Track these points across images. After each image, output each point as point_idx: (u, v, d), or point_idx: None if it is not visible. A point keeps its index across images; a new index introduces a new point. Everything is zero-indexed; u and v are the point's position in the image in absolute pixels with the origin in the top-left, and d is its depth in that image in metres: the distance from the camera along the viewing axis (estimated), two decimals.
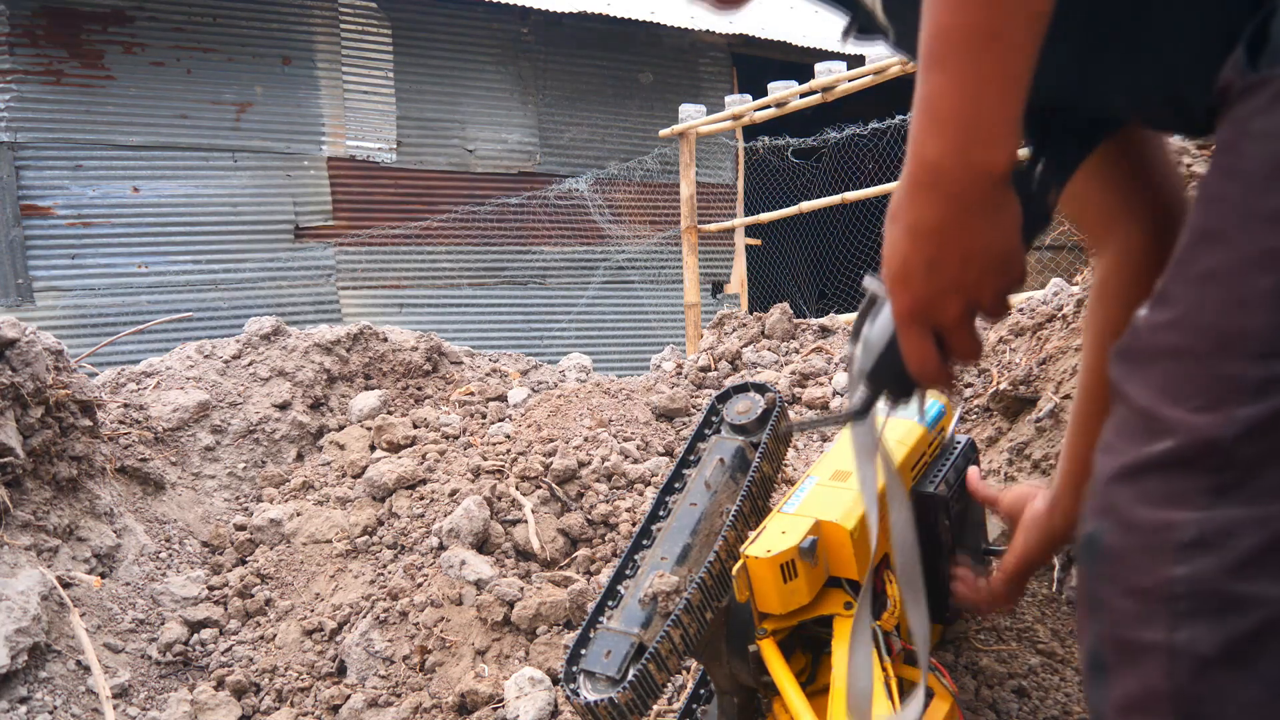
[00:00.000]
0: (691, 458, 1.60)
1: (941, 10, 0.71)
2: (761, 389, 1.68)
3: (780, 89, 6.28)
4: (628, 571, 1.43)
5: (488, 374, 4.48)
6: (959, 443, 1.62)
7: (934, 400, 1.53)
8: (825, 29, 10.04)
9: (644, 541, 1.48)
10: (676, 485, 1.57)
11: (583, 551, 2.51)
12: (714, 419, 1.70)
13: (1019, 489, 1.35)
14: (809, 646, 1.38)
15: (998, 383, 3.40)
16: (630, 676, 1.22)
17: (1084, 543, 0.69)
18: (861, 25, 1.05)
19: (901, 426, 1.45)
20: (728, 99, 7.01)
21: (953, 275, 0.78)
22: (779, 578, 1.24)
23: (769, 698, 1.39)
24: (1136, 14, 0.81)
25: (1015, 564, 1.27)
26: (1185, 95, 0.83)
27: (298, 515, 3.04)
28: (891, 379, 0.91)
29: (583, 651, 1.31)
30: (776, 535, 1.28)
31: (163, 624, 2.61)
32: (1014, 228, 0.78)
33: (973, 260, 0.77)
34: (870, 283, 0.90)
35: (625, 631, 1.31)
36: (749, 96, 6.79)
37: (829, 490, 1.36)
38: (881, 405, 0.95)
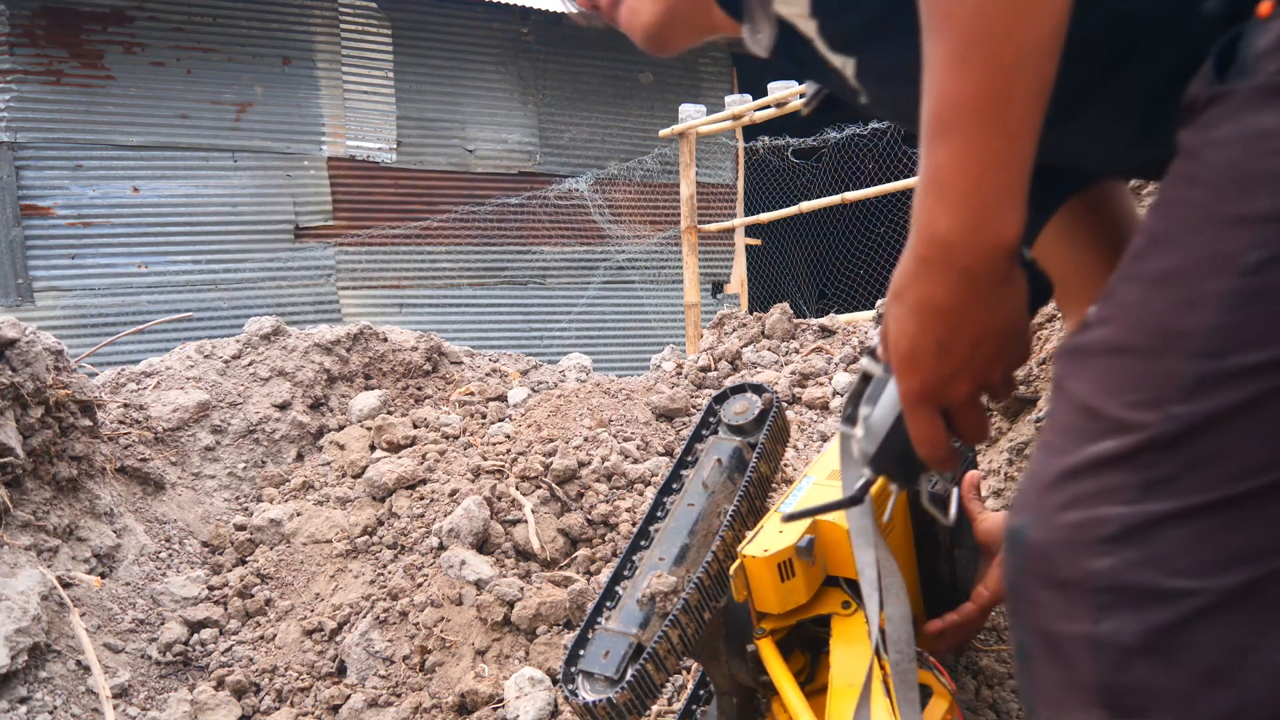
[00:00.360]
0: (689, 459, 1.61)
1: (948, 78, 0.70)
2: (759, 389, 1.68)
3: (780, 89, 6.28)
4: (626, 572, 1.44)
5: (488, 374, 4.48)
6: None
7: None
8: None
9: (642, 542, 1.48)
10: (674, 486, 1.57)
11: (583, 551, 2.51)
12: (711, 420, 1.70)
13: (995, 517, 1.33)
14: (807, 646, 1.38)
15: None
16: (628, 677, 1.22)
17: (1009, 536, 0.69)
18: (830, 94, 1.04)
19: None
20: (728, 99, 7.01)
21: (964, 356, 0.77)
22: (776, 577, 1.24)
23: (768, 698, 1.39)
24: (1104, 77, 0.81)
25: (988, 597, 1.27)
26: (1147, 150, 0.84)
27: (298, 515, 3.04)
28: (898, 462, 0.89)
29: (581, 652, 1.31)
30: (774, 535, 1.28)
31: (163, 624, 2.61)
32: (1023, 302, 0.77)
33: (985, 339, 0.76)
34: (867, 363, 0.89)
35: (623, 632, 1.31)
36: (749, 96, 6.79)
37: (826, 490, 1.36)
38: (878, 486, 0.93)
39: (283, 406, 3.67)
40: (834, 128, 7.79)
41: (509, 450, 3.41)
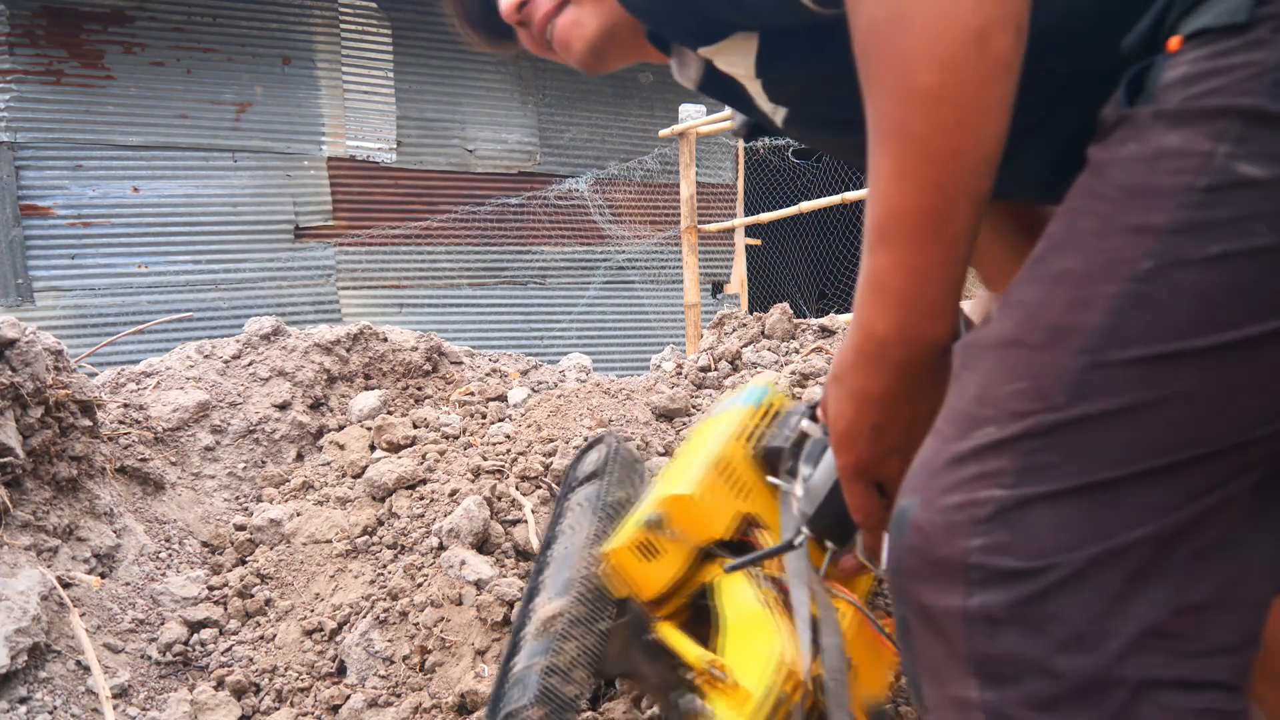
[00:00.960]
0: (558, 519, 1.68)
1: (893, 191, 0.74)
2: (598, 441, 1.77)
3: None
4: (524, 624, 1.48)
5: (488, 374, 4.48)
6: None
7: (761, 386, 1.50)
8: None
9: (532, 598, 1.52)
10: (549, 544, 1.65)
11: None
12: (571, 482, 1.77)
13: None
14: (705, 619, 1.39)
15: None
16: (534, 690, 1.25)
17: (896, 517, 0.72)
18: (755, 125, 1.08)
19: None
20: None
21: (897, 438, 0.82)
22: (641, 559, 1.27)
23: (693, 679, 1.38)
24: (1030, 128, 0.84)
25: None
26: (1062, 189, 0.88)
27: (298, 515, 3.04)
28: (834, 524, 0.95)
29: (500, 705, 1.33)
30: (626, 525, 1.32)
31: (163, 624, 2.61)
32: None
33: (917, 422, 0.80)
34: (809, 426, 0.93)
35: (529, 665, 1.34)
36: None
37: (669, 469, 1.39)
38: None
39: (283, 406, 3.67)
40: None
41: (509, 450, 3.41)
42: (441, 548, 2.58)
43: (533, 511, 2.67)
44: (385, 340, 4.28)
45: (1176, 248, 0.62)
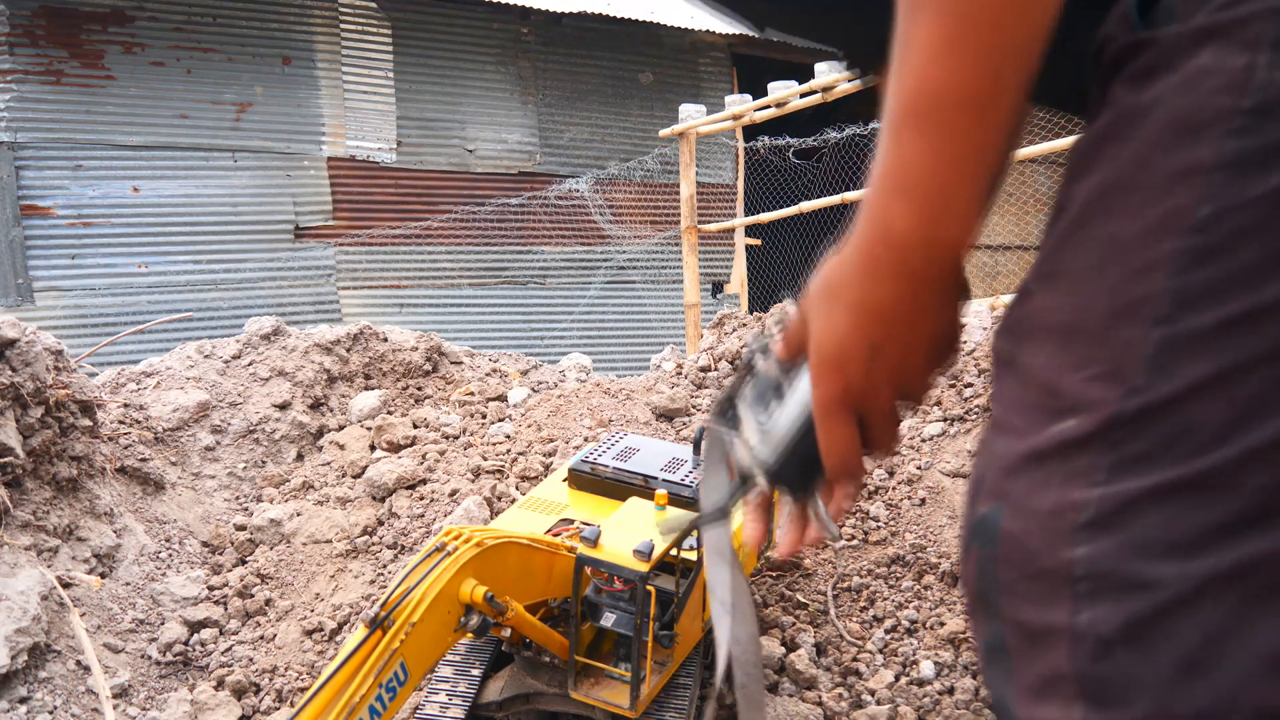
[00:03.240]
0: None
1: (932, 65, 0.64)
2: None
3: (780, 89, 6.28)
4: None
5: (488, 374, 4.48)
6: None
7: None
8: None
9: None
10: None
11: None
12: None
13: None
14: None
15: None
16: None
17: (978, 525, 0.66)
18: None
19: None
20: (728, 99, 7.01)
21: (895, 362, 0.73)
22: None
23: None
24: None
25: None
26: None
27: (298, 515, 3.04)
28: (799, 472, 0.80)
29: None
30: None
31: (163, 624, 2.61)
32: (961, 309, 0.74)
33: (919, 346, 0.73)
34: (759, 359, 0.80)
35: None
36: (749, 96, 6.79)
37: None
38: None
39: (283, 406, 3.67)
40: (834, 128, 7.79)
41: (509, 450, 3.42)
42: None
43: None
44: (385, 340, 4.28)
45: (1230, 186, 0.55)
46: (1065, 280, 0.63)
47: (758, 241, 8.51)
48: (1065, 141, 4.76)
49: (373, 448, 3.52)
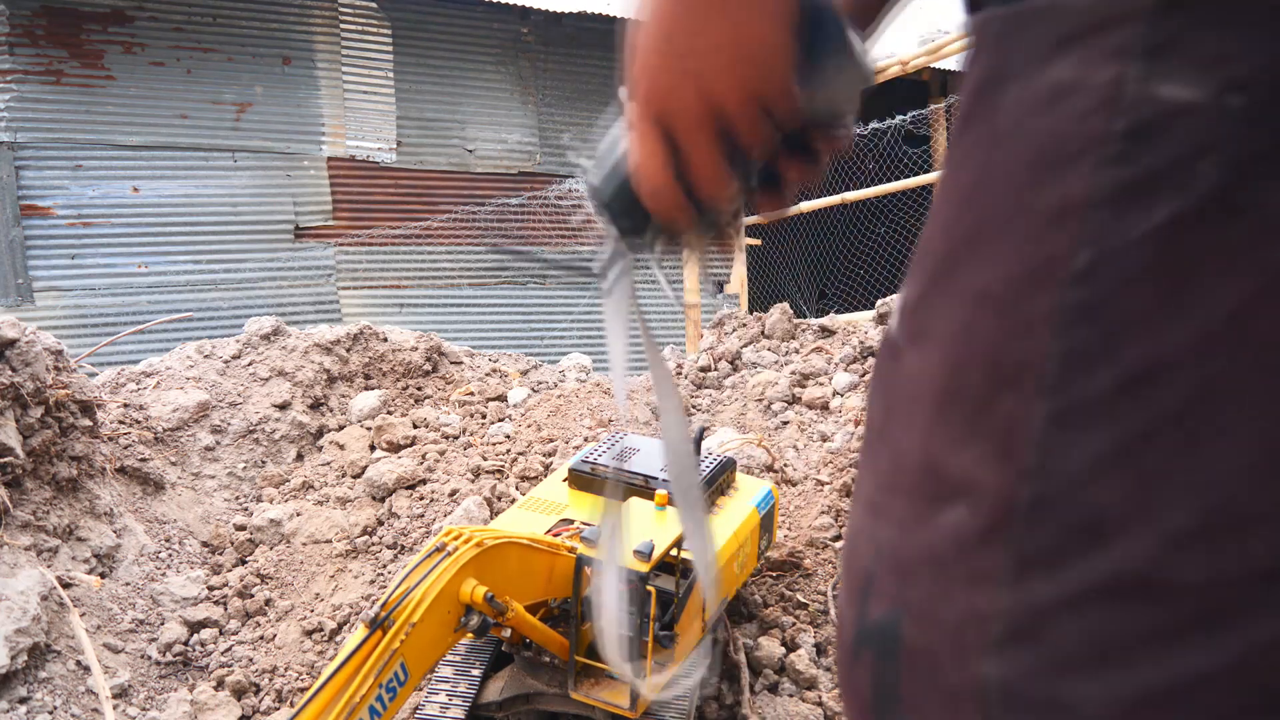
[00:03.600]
0: None
1: None
2: None
3: None
4: None
5: (488, 374, 4.48)
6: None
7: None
8: None
9: None
10: None
11: None
12: None
13: None
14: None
15: None
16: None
17: (872, 632, 0.58)
18: None
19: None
20: None
21: (690, 58, 0.64)
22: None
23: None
24: None
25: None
26: None
27: (298, 515, 3.04)
28: (622, 203, 0.74)
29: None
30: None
31: (163, 624, 2.61)
32: (774, 20, 0.64)
33: (718, 48, 0.63)
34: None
35: None
36: None
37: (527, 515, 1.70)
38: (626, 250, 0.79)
39: (283, 406, 3.67)
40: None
41: (509, 450, 3.41)
42: None
43: None
44: (385, 340, 4.27)
45: (1110, 225, 0.47)
46: (935, 341, 0.55)
47: (758, 241, 8.51)
48: None
49: (373, 448, 3.52)
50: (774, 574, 2.72)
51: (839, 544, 2.87)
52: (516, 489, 3.09)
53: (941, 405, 0.54)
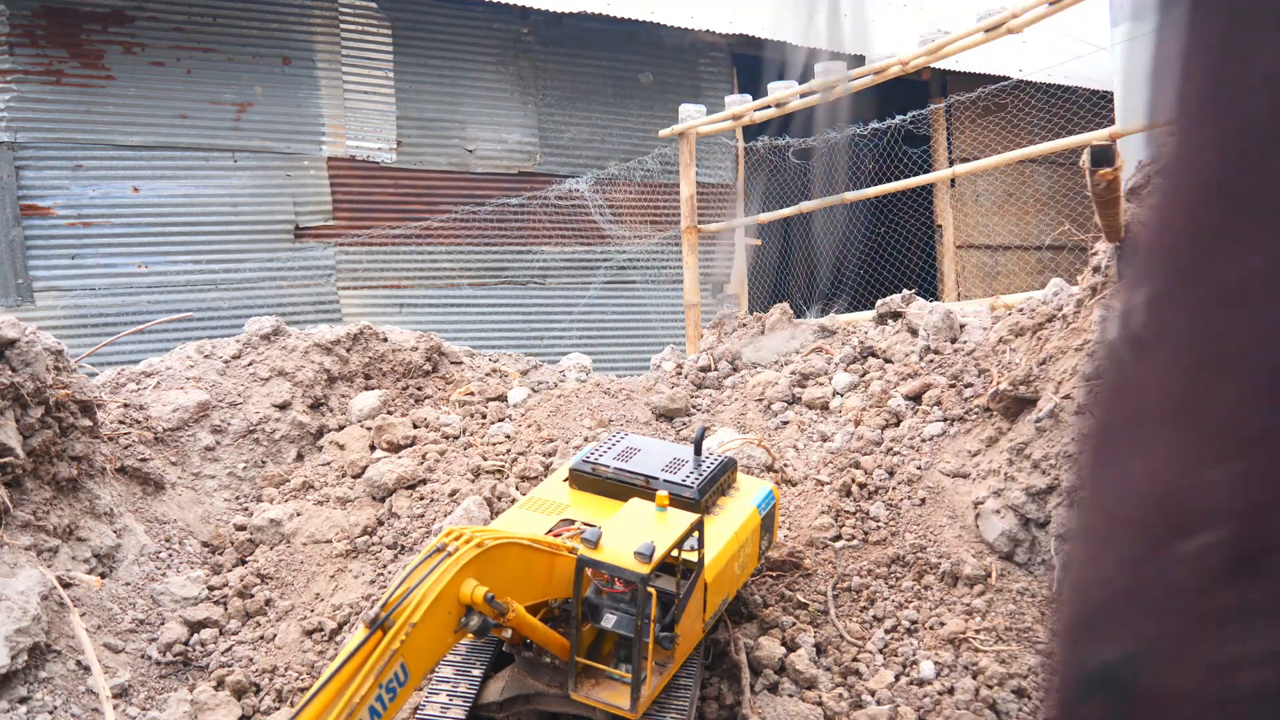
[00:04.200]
0: None
1: None
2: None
3: (780, 89, 6.28)
4: None
5: (488, 374, 4.48)
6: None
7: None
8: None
9: None
10: None
11: None
12: None
13: None
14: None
15: (998, 383, 3.40)
16: None
17: (1105, 675, 0.52)
18: None
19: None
20: (728, 99, 7.01)
21: None
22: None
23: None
24: None
25: None
26: None
27: (298, 515, 3.04)
28: None
29: None
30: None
31: (163, 624, 2.61)
32: None
33: None
34: None
35: None
36: (749, 97, 6.79)
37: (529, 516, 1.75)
38: None
39: (283, 406, 3.67)
40: (834, 128, 7.78)
41: (509, 450, 3.41)
42: None
43: None
44: (385, 340, 4.27)
45: None
46: (1170, 346, 0.50)
47: (758, 241, 8.51)
48: (1065, 142, 4.76)
49: (373, 448, 3.52)
50: (774, 574, 2.72)
51: (839, 544, 2.87)
52: (517, 489, 3.09)
53: (1178, 419, 0.48)
